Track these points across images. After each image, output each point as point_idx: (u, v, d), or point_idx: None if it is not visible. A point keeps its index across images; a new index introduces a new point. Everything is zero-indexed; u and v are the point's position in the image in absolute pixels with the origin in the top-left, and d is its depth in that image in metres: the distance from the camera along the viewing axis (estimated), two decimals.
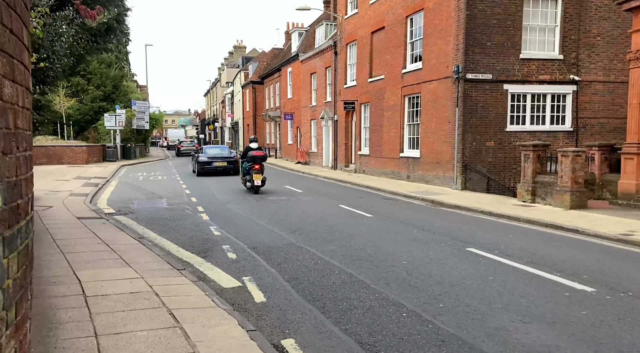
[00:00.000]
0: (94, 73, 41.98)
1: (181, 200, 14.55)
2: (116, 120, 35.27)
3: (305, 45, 34.08)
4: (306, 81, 32.03)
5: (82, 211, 11.72)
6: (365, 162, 23.44)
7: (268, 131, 47.69)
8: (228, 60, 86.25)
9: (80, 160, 30.34)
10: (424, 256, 7.22)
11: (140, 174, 24.80)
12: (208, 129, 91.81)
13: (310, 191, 16.79)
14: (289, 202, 13.71)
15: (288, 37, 47.60)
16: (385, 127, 21.33)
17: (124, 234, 8.86)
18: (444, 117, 17.16)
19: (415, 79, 18.91)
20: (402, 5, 19.68)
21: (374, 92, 22.37)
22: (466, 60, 16.04)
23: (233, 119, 64.83)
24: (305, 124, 32.64)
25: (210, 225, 10.25)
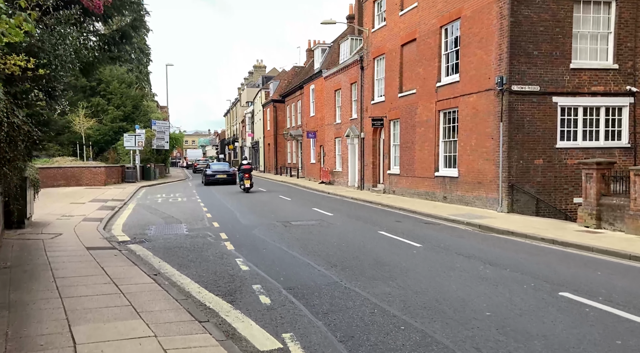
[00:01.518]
0: (114, 93, 41.65)
1: (202, 225, 13.34)
2: (136, 141, 34.55)
3: (328, 61, 33.10)
4: (330, 98, 30.93)
5: (93, 239, 10.56)
6: (396, 181, 22.04)
7: (289, 150, 46.64)
8: (248, 80, 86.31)
9: (99, 182, 29.53)
10: (509, 303, 5.78)
11: (159, 196, 23.78)
12: (228, 149, 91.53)
13: (340, 214, 15.44)
14: (320, 228, 12.37)
15: (310, 55, 46.82)
16: (418, 144, 19.97)
17: (137, 270, 7.62)
18: (485, 133, 15.75)
19: (451, 93, 17.57)
20: (435, 15, 18.47)
21: (404, 108, 21.08)
22: (511, 70, 14.68)
23: (253, 139, 64.12)
24: (329, 142, 31.44)
25: (235, 256, 8.96)
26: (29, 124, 6.59)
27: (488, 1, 15.48)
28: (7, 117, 5.92)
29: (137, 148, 34.80)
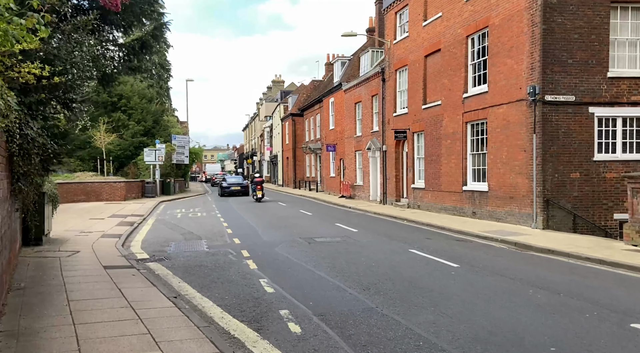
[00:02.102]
0: (135, 108, 41.87)
1: (223, 242, 12.86)
2: (156, 155, 34.48)
3: (348, 74, 32.75)
4: (350, 111, 30.49)
5: (111, 257, 10.13)
6: (420, 196, 21.36)
7: (308, 164, 46.25)
8: (266, 94, 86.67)
9: (119, 197, 29.41)
10: (574, 337, 5.10)
11: (178, 211, 23.45)
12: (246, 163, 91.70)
13: (366, 230, 14.83)
14: (346, 245, 11.79)
15: (329, 69, 46.63)
16: (444, 157, 19.32)
17: (155, 291, 7.13)
18: (517, 145, 15.06)
19: (479, 104, 16.95)
20: (461, 24, 17.94)
21: (428, 120, 20.49)
22: (544, 80, 14.03)
23: (272, 152, 63.99)
24: (350, 156, 30.92)
25: (259, 276, 8.43)
26: (44, 136, 6.21)
27: (518, 9, 14.91)
28: (20, 128, 5.53)
29: (157, 162, 34.72)
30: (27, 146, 5.72)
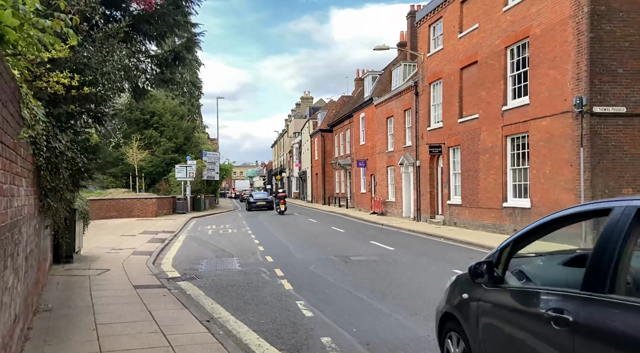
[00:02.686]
0: (166, 125, 42.36)
1: (255, 260, 12.44)
2: (187, 172, 34.61)
3: (379, 89, 32.32)
4: (382, 126, 29.98)
5: (141, 276, 9.81)
6: (457, 212, 20.57)
7: (337, 180, 45.77)
8: (295, 111, 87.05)
9: (150, 213, 29.49)
10: None
11: (209, 227, 23.24)
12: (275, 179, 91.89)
13: (403, 248, 14.19)
14: (385, 265, 11.19)
15: (358, 84, 46.34)
16: (482, 172, 18.56)
17: (187, 314, 6.70)
18: (562, 159, 14.25)
19: (520, 116, 16.22)
20: (499, 35, 17.33)
21: (465, 134, 19.80)
22: (591, 91, 13.27)
23: (301, 169, 63.83)
24: (381, 171, 30.32)
25: (296, 298, 7.93)
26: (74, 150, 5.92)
27: (561, 17, 14.25)
28: (48, 141, 5.23)
29: (188, 179, 34.83)
30: (55, 160, 5.43)
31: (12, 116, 3.66)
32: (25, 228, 4.76)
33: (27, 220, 5.00)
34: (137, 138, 38.36)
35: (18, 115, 4.03)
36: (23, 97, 4.12)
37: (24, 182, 4.51)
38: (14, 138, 3.78)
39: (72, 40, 5.19)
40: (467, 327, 3.85)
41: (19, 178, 4.18)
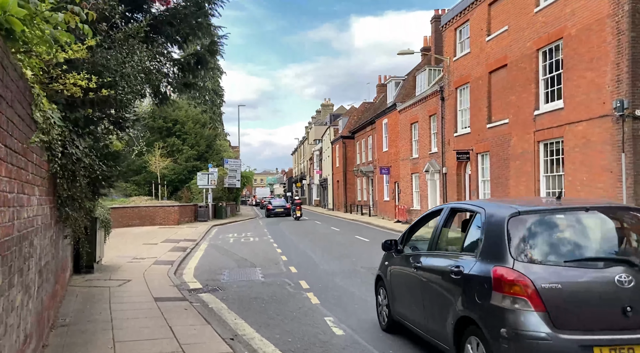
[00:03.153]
0: (188, 133, 42.47)
1: (278, 270, 12.03)
2: (209, 179, 34.52)
3: (402, 94, 31.78)
4: (405, 132, 29.40)
5: (162, 288, 9.47)
6: None
7: (359, 187, 45.22)
8: (315, 118, 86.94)
9: (172, 221, 29.39)
10: None
11: (230, 235, 22.95)
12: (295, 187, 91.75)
13: None
14: None
15: (380, 90, 45.85)
16: (513, 179, 17.86)
17: (210, 330, 6.30)
18: (600, 166, 13.53)
19: (553, 121, 15.53)
20: (530, 37, 16.69)
21: (494, 139, 19.13)
22: (633, 93, 12.56)
23: (321, 176, 63.46)
24: (405, 179, 29.70)
25: (323, 314, 7.47)
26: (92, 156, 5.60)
27: (599, 17, 13.58)
28: (64, 147, 4.90)
29: (210, 186, 34.73)
30: (72, 167, 5.11)
31: (21, 118, 3.33)
32: (38, 240, 4.42)
33: (41, 231, 4.67)
34: (160, 146, 38.52)
35: (29, 118, 3.70)
36: (35, 99, 3.79)
37: (36, 190, 4.18)
38: (23, 142, 3.44)
39: (89, 40, 4.88)
40: (386, 281, 6.45)
41: (31, 186, 3.85)
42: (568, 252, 4.15)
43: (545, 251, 4.15)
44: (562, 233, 4.32)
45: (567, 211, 4.47)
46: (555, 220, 4.36)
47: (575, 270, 3.95)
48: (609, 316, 3.78)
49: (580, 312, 3.79)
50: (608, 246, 4.38)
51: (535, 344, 3.69)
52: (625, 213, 4.69)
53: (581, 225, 4.36)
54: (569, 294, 3.79)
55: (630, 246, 4.37)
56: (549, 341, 3.67)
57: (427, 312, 5.07)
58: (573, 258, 4.06)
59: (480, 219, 4.58)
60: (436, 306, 4.87)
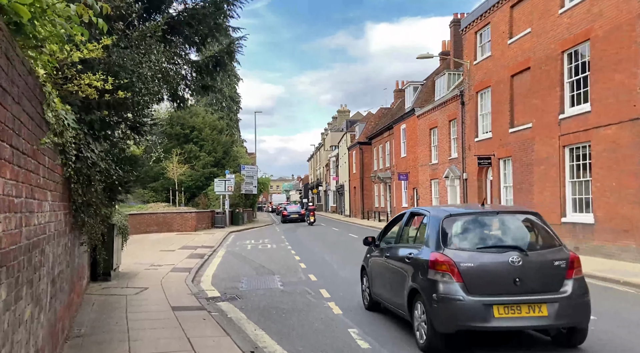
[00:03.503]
0: (206, 139, 42.58)
1: (297, 278, 11.73)
2: (225, 186, 34.45)
3: (421, 99, 31.38)
4: (424, 137, 28.98)
5: (180, 296, 9.25)
6: None
7: (377, 193, 44.77)
8: (332, 124, 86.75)
9: (189, 227, 29.32)
10: None
11: (248, 242, 22.74)
12: (312, 193, 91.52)
13: None
14: None
15: (397, 96, 45.48)
16: (536, 185, 17.36)
17: (229, 342, 6.03)
18: (631, 171, 13.01)
19: (580, 125, 15.04)
20: (555, 39, 16.24)
21: (516, 144, 18.65)
22: None
23: (338, 182, 63.10)
24: (424, 185, 29.24)
25: (347, 325, 7.15)
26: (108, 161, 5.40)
27: (628, 17, 13.12)
28: (79, 150, 4.70)
29: (227, 193, 34.65)
30: (88, 171, 4.90)
31: (30, 117, 3.11)
32: (51, 248, 4.20)
33: (55, 238, 4.45)
34: (178, 152, 38.64)
35: (40, 118, 3.49)
36: (47, 98, 3.58)
37: (49, 195, 3.96)
38: (33, 144, 3.22)
39: (105, 39, 4.67)
40: (367, 269, 8.09)
41: (42, 191, 3.63)
42: (480, 242, 5.99)
43: (465, 241, 6.00)
44: (477, 229, 6.16)
45: (483, 214, 6.33)
46: (474, 220, 6.23)
47: (483, 254, 5.74)
48: (504, 285, 5.48)
49: (485, 282, 5.52)
50: (506, 238, 6.14)
51: (454, 304, 5.41)
52: (522, 216, 6.65)
53: (491, 224, 6.24)
54: (479, 271, 5.55)
55: (521, 238, 6.17)
56: (463, 301, 5.40)
57: (392, 289, 6.86)
58: (483, 246, 5.91)
59: (427, 220, 6.41)
60: (396, 284, 6.66)
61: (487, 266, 5.58)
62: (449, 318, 5.46)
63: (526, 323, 5.46)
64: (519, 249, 5.67)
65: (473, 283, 5.45)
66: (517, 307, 5.38)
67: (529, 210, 7.03)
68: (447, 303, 5.44)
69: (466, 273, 5.48)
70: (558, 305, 5.43)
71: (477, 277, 5.49)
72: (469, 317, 5.38)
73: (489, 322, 5.34)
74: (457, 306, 5.40)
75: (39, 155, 3.42)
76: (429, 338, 5.63)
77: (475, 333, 5.69)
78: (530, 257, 5.59)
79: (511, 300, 5.39)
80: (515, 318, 5.37)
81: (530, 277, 5.50)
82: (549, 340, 6.07)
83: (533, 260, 5.60)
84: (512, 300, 5.39)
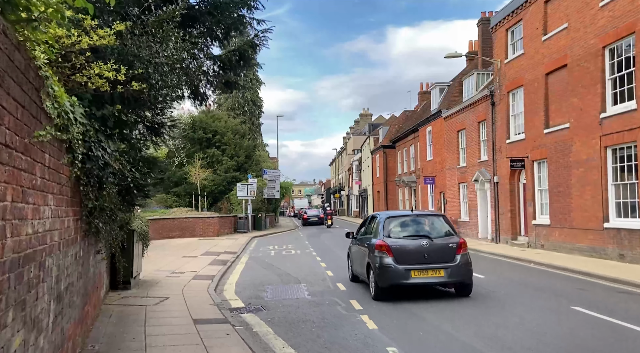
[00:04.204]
0: (228, 144, 42.34)
1: (325, 287, 11.11)
2: (248, 190, 34.06)
3: (448, 101, 30.48)
4: (452, 140, 28.07)
5: (202, 307, 8.70)
6: (545, 234, 18.36)
7: (401, 198, 43.87)
8: (354, 128, 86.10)
9: (212, 232, 28.96)
10: None
11: (271, 248, 22.21)
12: (334, 198, 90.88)
13: (493, 276, 12.37)
14: (485, 300, 9.50)
15: (422, 98, 44.60)
16: (575, 188, 16.38)
17: None
18: None
19: (623, 124, 14.09)
20: (595, 33, 15.32)
21: (553, 146, 17.70)
22: None
23: (361, 186, 62.30)
24: (452, 189, 28.31)
25: (385, 343, 6.49)
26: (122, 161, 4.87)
27: None
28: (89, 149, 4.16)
29: (250, 197, 34.25)
30: (99, 173, 4.38)
31: (19, 104, 2.57)
32: (54, 260, 3.66)
33: (61, 248, 3.92)
34: (200, 157, 38.45)
35: (36, 108, 2.96)
36: (45, 83, 3.04)
37: (50, 199, 3.42)
38: (24, 136, 2.68)
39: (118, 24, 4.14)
40: (350, 254, 11.82)
41: (40, 194, 3.09)
42: (405, 233, 9.48)
43: (396, 233, 9.46)
44: (405, 225, 9.69)
45: (409, 216, 10.18)
46: (403, 220, 9.90)
47: (406, 240, 9.23)
48: (418, 258, 8.87)
49: (407, 257, 8.88)
50: (421, 230, 9.58)
51: (388, 270, 8.81)
52: (433, 217, 10.27)
53: (414, 222, 9.81)
54: (403, 250, 8.95)
55: (430, 230, 9.62)
56: (393, 268, 8.80)
57: (360, 264, 10.36)
58: (406, 235, 9.39)
59: (377, 220, 10.04)
60: (362, 260, 10.17)
61: (408, 247, 9.20)
62: (386, 279, 9.00)
63: (431, 280, 9.08)
64: (428, 237, 9.34)
65: (399, 257, 9.02)
66: (425, 271, 8.98)
67: (438, 213, 12.32)
68: (384, 269, 8.99)
69: (395, 251, 9.07)
70: (451, 270, 8.99)
71: (402, 254, 9.05)
72: (397, 277, 8.93)
73: (408, 280, 8.93)
74: (390, 271, 8.95)
75: (34, 152, 2.89)
76: (376, 291, 9.26)
77: (401, 287, 9.12)
78: (434, 242, 9.26)
79: (422, 267, 8.96)
80: (425, 278, 8.99)
81: (434, 253, 9.07)
82: (453, 293, 9.77)
83: (436, 244, 9.24)
84: (422, 267, 8.96)
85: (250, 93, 52.22)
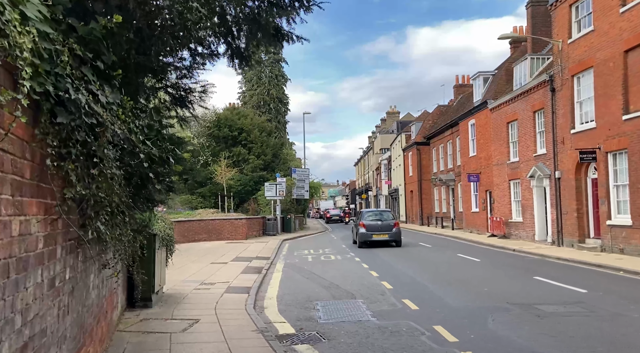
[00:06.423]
0: (254, 142, 40.61)
1: (389, 305, 9.02)
2: (276, 190, 32.16)
3: (493, 91, 28.00)
4: (500, 132, 25.61)
5: (243, 334, 6.69)
6: (624, 236, 15.88)
7: (437, 198, 41.46)
8: (380, 127, 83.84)
9: (240, 235, 27.12)
10: None
11: (306, 252, 20.20)
12: (360, 198, 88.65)
13: (597, 291, 10.08)
14: (598, 322, 7.28)
15: (458, 91, 42.13)
16: None
17: None
18: None
19: None
20: None
21: (634, 134, 15.25)
22: None
23: (391, 186, 59.82)
24: (501, 186, 25.84)
25: None
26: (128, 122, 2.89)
27: None
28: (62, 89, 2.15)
29: (278, 198, 32.35)
30: (85, 136, 2.40)
31: None
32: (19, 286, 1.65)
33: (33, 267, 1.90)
34: (226, 156, 36.76)
35: None
36: None
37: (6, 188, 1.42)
38: None
39: None
40: (354, 230, 24.93)
41: None
42: (372, 218, 22.40)
43: (368, 218, 22.48)
44: (372, 215, 22.93)
45: (374, 210, 25.83)
46: (372, 212, 23.83)
47: (371, 221, 22.09)
48: (376, 229, 21.67)
49: (372, 228, 21.70)
50: (379, 217, 22.38)
51: (362, 233, 21.74)
52: (387, 211, 24.44)
53: (375, 213, 23.48)
54: (370, 225, 21.82)
55: (384, 218, 22.47)
56: (365, 233, 21.64)
57: (354, 234, 23.68)
58: (372, 219, 22.27)
59: (361, 212, 26.54)
60: (354, 231, 24.11)
61: (372, 224, 21.66)
62: (360, 237, 21.61)
63: (382, 238, 21.36)
64: (381, 220, 21.88)
65: (368, 228, 21.49)
66: (379, 235, 21.34)
67: (388, 210, 29.33)
68: (360, 233, 21.66)
69: (367, 225, 21.62)
70: (390, 234, 21.38)
71: (369, 227, 21.52)
72: (366, 237, 21.44)
73: (371, 238, 21.35)
74: (363, 234, 21.51)
75: None
76: (356, 242, 22.36)
77: (368, 241, 21.36)
78: (384, 222, 21.74)
79: (378, 233, 21.37)
80: (379, 238, 21.34)
81: (384, 227, 21.46)
82: (394, 245, 21.61)
83: (385, 223, 21.64)
84: (378, 233, 21.37)
85: (275, 90, 50.49)
